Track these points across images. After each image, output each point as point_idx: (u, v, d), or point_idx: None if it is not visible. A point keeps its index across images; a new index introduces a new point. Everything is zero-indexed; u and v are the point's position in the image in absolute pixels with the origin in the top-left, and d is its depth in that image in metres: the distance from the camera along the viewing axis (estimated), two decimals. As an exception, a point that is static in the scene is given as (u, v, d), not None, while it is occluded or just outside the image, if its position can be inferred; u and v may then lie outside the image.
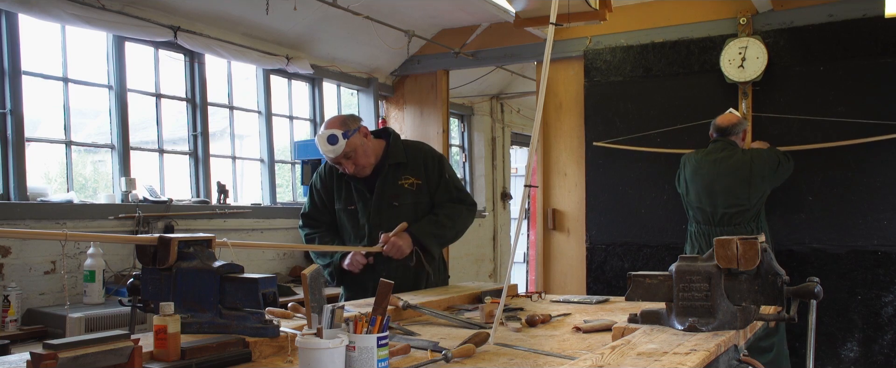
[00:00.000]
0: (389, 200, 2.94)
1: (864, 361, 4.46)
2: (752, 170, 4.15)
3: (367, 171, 2.93)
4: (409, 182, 2.97)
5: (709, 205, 4.26)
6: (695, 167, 4.33)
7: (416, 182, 2.98)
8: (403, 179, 2.96)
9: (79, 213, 3.83)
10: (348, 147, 2.83)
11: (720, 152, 4.25)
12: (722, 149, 4.26)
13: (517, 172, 9.29)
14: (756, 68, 4.63)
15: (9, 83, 3.67)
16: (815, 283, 1.83)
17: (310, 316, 1.70)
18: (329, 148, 2.80)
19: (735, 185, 4.16)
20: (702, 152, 4.37)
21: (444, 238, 3.02)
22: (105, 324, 3.39)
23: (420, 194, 2.98)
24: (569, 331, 2.21)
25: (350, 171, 2.88)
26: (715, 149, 4.29)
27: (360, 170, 2.91)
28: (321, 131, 2.86)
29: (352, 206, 2.98)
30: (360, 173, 2.92)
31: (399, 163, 2.97)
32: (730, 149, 4.24)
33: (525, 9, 3.79)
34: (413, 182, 2.97)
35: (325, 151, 2.83)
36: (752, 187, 4.14)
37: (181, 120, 4.72)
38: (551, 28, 2.07)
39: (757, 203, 4.19)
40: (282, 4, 4.43)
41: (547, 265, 5.63)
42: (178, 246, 1.93)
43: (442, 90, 6.11)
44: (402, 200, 2.95)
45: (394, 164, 2.96)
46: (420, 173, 2.99)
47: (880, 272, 4.42)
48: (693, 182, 4.33)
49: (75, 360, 1.36)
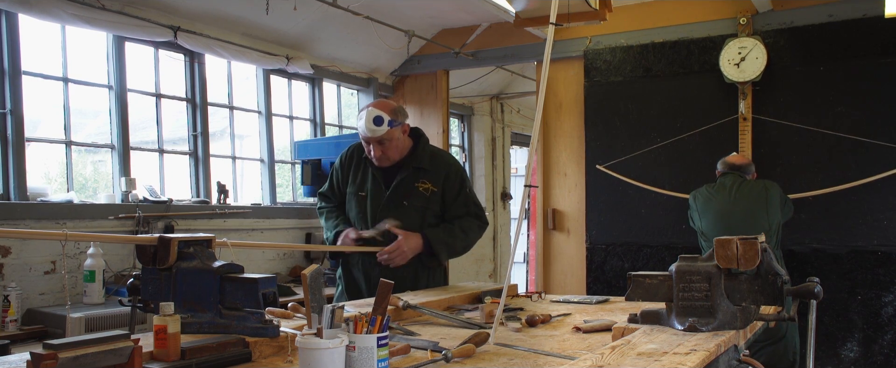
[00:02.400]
0: (401, 199, 2.97)
1: (864, 361, 4.46)
2: (768, 196, 4.10)
3: (386, 164, 2.97)
4: (426, 187, 2.99)
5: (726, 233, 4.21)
6: (706, 198, 4.27)
7: (433, 189, 3.00)
8: (421, 183, 2.99)
9: (79, 213, 3.83)
10: (388, 134, 2.87)
11: (732, 182, 4.20)
12: (733, 180, 4.21)
13: (517, 172, 9.28)
14: (755, 68, 4.63)
15: (9, 83, 3.66)
16: (815, 283, 1.83)
17: (310, 316, 1.70)
18: (372, 127, 2.83)
19: (754, 210, 4.08)
20: (711, 185, 4.31)
21: (455, 248, 3.05)
22: (105, 324, 3.39)
23: (432, 201, 3.00)
24: (569, 331, 2.21)
25: (375, 155, 2.92)
26: (726, 181, 4.24)
27: (383, 160, 2.94)
28: (369, 109, 2.88)
29: (362, 193, 3.01)
30: (381, 162, 2.96)
31: (421, 168, 3.00)
32: (741, 180, 4.21)
33: (525, 9, 3.79)
34: (429, 188, 2.99)
35: (367, 128, 2.84)
36: (770, 214, 4.08)
37: (181, 120, 4.72)
38: (551, 28, 2.07)
39: (776, 231, 4.11)
40: (282, 4, 4.43)
41: (547, 265, 5.63)
42: (178, 246, 1.93)
43: (442, 90, 6.11)
44: (412, 202, 2.97)
45: (416, 167, 2.99)
46: (439, 182, 3.01)
47: (880, 272, 4.42)
48: (706, 213, 4.26)
49: (75, 360, 1.36)
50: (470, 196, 3.10)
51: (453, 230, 3.01)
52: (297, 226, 5.19)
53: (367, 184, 3.02)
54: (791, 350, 4.17)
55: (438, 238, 2.96)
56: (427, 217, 3.01)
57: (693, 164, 4.90)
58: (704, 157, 4.85)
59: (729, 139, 4.77)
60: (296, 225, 5.19)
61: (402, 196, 2.97)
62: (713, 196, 4.24)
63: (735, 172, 4.27)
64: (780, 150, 4.68)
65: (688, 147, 4.94)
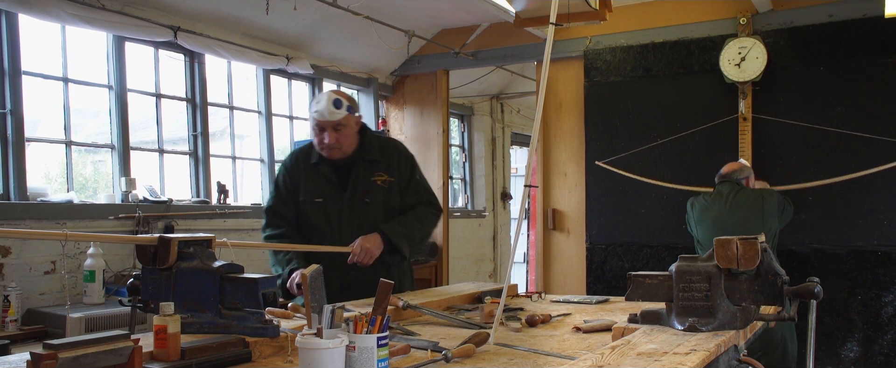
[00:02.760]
0: (361, 196, 2.87)
1: (864, 361, 4.46)
2: (764, 205, 4.11)
3: (338, 155, 2.84)
4: (382, 179, 2.90)
5: None
6: (703, 207, 4.28)
7: (389, 180, 2.92)
8: (376, 176, 2.90)
9: (79, 213, 3.83)
10: (345, 119, 2.78)
11: (728, 191, 4.20)
12: (729, 188, 4.22)
13: (517, 172, 9.29)
14: (755, 68, 4.62)
15: (9, 83, 3.66)
16: (815, 283, 1.83)
17: (310, 316, 1.71)
18: (332, 109, 2.74)
19: (749, 218, 4.08)
20: (708, 193, 4.32)
21: (414, 239, 2.95)
22: (105, 324, 3.39)
23: (391, 192, 2.92)
24: (569, 331, 2.21)
25: (329, 143, 2.78)
26: (722, 189, 4.24)
27: (336, 150, 2.82)
28: (327, 93, 2.80)
29: (319, 199, 2.87)
30: (333, 154, 2.83)
31: (373, 160, 2.91)
32: (738, 188, 4.21)
33: (525, 9, 3.79)
34: (386, 179, 2.91)
35: (327, 111, 2.74)
36: (766, 222, 4.08)
37: (181, 120, 4.72)
38: (551, 28, 2.07)
39: (772, 238, 4.12)
40: (282, 4, 4.43)
41: (547, 265, 5.63)
42: (178, 246, 1.93)
43: (442, 90, 6.11)
44: (373, 197, 2.89)
45: (369, 160, 2.90)
46: (393, 171, 2.94)
47: (880, 272, 4.42)
48: (702, 221, 4.28)
49: (75, 360, 1.36)
50: (421, 183, 3.03)
51: (408, 221, 2.91)
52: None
53: (321, 189, 2.88)
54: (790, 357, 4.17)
55: (396, 231, 2.86)
56: (389, 211, 2.92)
57: (693, 164, 4.91)
58: (704, 157, 4.85)
59: (729, 139, 4.77)
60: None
61: (361, 194, 2.88)
62: (710, 205, 4.25)
63: (729, 181, 4.27)
64: (780, 150, 4.68)
65: (688, 147, 4.94)
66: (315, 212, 2.89)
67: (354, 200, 2.87)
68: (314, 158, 2.90)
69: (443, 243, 6.12)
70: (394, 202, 2.93)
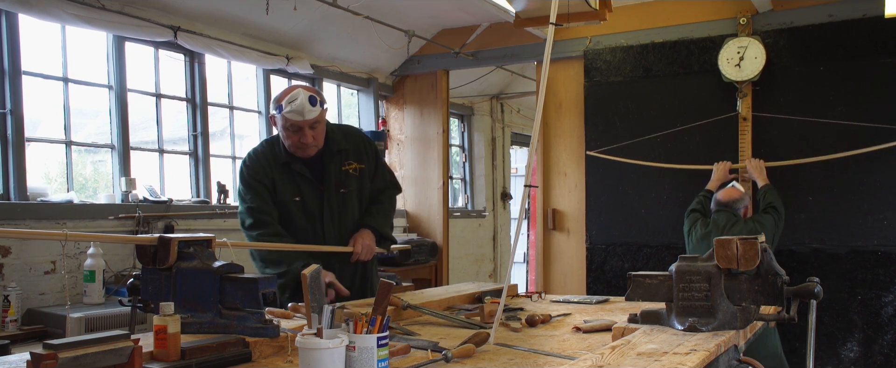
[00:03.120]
0: (337, 187, 2.85)
1: (864, 361, 4.46)
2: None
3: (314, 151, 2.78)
4: (353, 167, 2.89)
5: None
6: (699, 237, 4.28)
7: (360, 167, 2.91)
8: (347, 165, 2.88)
9: (79, 213, 3.83)
10: (320, 116, 2.70)
11: (724, 222, 4.20)
12: (726, 219, 4.22)
13: (517, 172, 9.29)
14: (754, 68, 4.62)
15: (9, 83, 3.66)
16: (815, 283, 1.83)
17: (310, 316, 1.70)
18: (310, 107, 2.63)
19: None
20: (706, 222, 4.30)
21: (392, 224, 3.07)
22: (105, 324, 3.39)
23: (362, 179, 2.92)
24: (569, 331, 2.21)
25: (308, 141, 2.70)
26: (719, 219, 4.24)
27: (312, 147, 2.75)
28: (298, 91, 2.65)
29: (297, 198, 2.81)
30: (310, 152, 2.77)
31: (341, 149, 2.87)
32: (734, 219, 4.21)
33: (525, 9, 3.79)
34: (356, 167, 2.90)
35: (303, 111, 2.62)
36: None
37: (181, 120, 4.72)
38: (551, 28, 2.07)
39: None
40: (282, 4, 4.43)
41: (547, 265, 5.63)
42: (178, 246, 1.93)
43: (442, 90, 6.12)
44: (348, 186, 2.87)
45: (337, 150, 2.86)
46: (362, 158, 2.92)
47: (880, 272, 4.42)
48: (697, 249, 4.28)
49: (75, 360, 1.37)
50: (385, 166, 3.07)
51: (385, 208, 2.99)
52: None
53: (297, 188, 2.81)
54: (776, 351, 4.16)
55: (382, 223, 2.94)
56: (362, 199, 2.92)
57: (693, 164, 4.90)
58: (704, 157, 4.85)
59: (729, 139, 4.77)
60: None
61: (336, 186, 2.84)
62: (706, 236, 4.25)
63: (726, 210, 4.27)
64: (780, 150, 4.67)
65: (687, 146, 4.94)
66: (295, 211, 2.83)
67: (331, 193, 2.84)
68: (283, 157, 2.80)
69: (443, 243, 6.12)
70: (365, 188, 2.94)
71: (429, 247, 5.98)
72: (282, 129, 2.72)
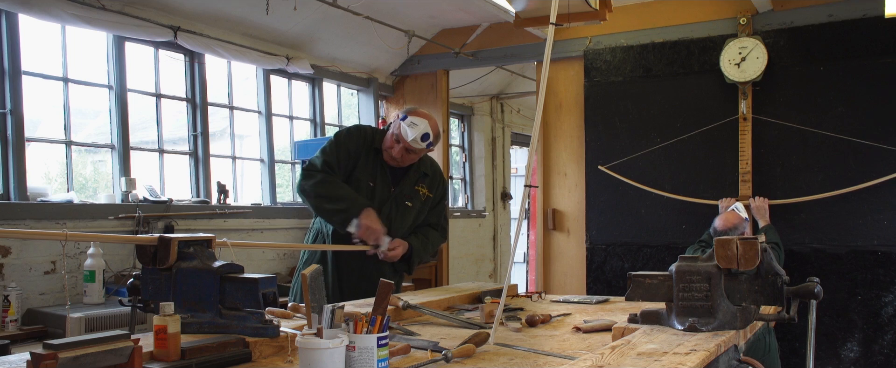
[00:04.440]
0: (404, 198, 3.11)
1: (864, 361, 4.46)
2: None
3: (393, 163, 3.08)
4: (424, 192, 3.17)
5: None
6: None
7: (429, 195, 3.19)
8: (420, 186, 3.16)
9: (79, 213, 3.82)
10: (421, 151, 3.04)
11: None
12: None
13: (517, 172, 9.29)
14: (756, 68, 4.62)
15: (9, 83, 3.66)
16: (815, 283, 1.84)
17: (310, 316, 1.71)
18: (419, 142, 2.95)
19: None
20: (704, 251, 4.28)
21: (422, 261, 3.26)
22: (105, 324, 3.39)
23: (425, 205, 3.18)
24: (569, 331, 2.21)
25: (396, 156, 3.01)
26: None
27: (400, 162, 3.06)
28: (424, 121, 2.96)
29: (371, 183, 3.06)
30: (396, 163, 3.06)
31: (424, 173, 3.18)
32: None
33: (525, 9, 3.79)
34: (426, 193, 3.18)
35: (413, 139, 2.93)
36: None
37: (181, 120, 4.72)
38: (551, 28, 2.07)
39: None
40: (282, 4, 4.43)
41: (547, 265, 5.63)
42: (178, 246, 1.93)
43: (442, 90, 6.11)
44: (413, 203, 3.13)
45: (421, 172, 3.16)
46: (433, 189, 3.21)
47: (880, 272, 4.42)
48: None
49: (75, 360, 1.37)
50: (444, 208, 3.32)
51: (427, 245, 3.18)
52: (297, 226, 5.19)
53: (376, 176, 3.07)
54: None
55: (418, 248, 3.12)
56: (417, 220, 3.17)
57: (693, 165, 4.91)
58: (704, 156, 4.85)
59: (729, 139, 4.77)
60: (296, 225, 5.19)
61: (405, 195, 3.11)
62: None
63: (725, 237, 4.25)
64: (780, 150, 4.67)
65: (688, 147, 4.94)
66: (364, 193, 3.04)
67: (399, 199, 3.10)
68: (378, 144, 3.08)
69: (443, 243, 6.12)
70: (423, 214, 3.20)
71: (429, 247, 5.98)
72: (392, 130, 3.04)
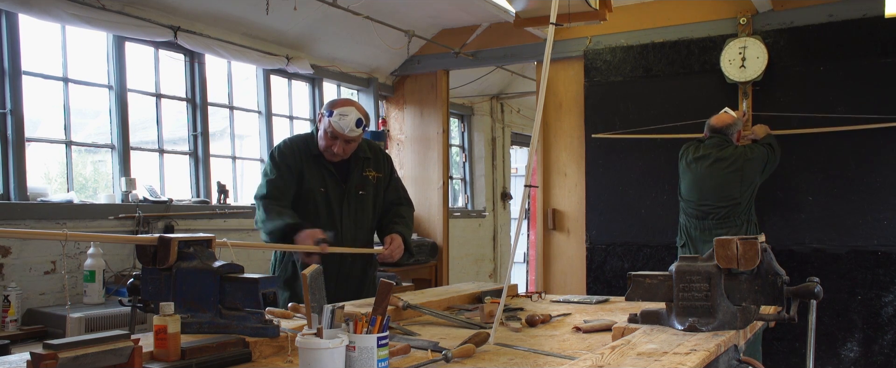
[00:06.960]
0: (357, 189, 3.12)
1: (864, 361, 4.46)
2: (744, 168, 4.26)
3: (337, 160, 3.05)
4: (372, 175, 3.17)
5: (698, 199, 4.39)
6: (688, 162, 4.44)
7: (378, 176, 3.19)
8: (367, 171, 3.15)
9: (79, 213, 3.83)
10: (358, 137, 3.01)
11: (713, 149, 4.33)
12: (715, 145, 4.34)
13: (517, 172, 9.29)
14: (756, 68, 4.63)
15: (9, 83, 3.66)
16: (815, 283, 1.83)
17: (310, 316, 1.70)
18: (354, 128, 2.93)
19: (727, 183, 4.27)
20: (697, 148, 4.43)
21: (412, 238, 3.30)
22: (105, 324, 3.39)
23: (378, 187, 3.20)
24: (569, 331, 2.21)
25: (338, 151, 2.98)
26: (709, 145, 4.37)
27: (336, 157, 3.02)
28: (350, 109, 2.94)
29: (322, 189, 3.05)
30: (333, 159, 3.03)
31: (366, 157, 3.17)
32: (723, 148, 4.32)
33: (525, 9, 3.79)
34: (375, 175, 3.18)
35: (348, 129, 2.91)
36: (744, 184, 4.27)
37: (181, 120, 4.72)
38: (551, 28, 2.07)
39: (748, 198, 4.32)
40: (282, 4, 4.43)
41: (547, 265, 5.63)
42: (178, 246, 1.93)
43: (442, 90, 6.11)
44: (366, 190, 3.14)
45: (362, 157, 3.15)
46: (381, 168, 3.21)
47: (880, 272, 4.42)
48: (685, 175, 4.46)
49: (75, 360, 1.36)
50: (399, 181, 3.33)
51: (407, 221, 3.22)
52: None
53: (324, 181, 3.05)
54: None
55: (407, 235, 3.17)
56: (376, 204, 3.19)
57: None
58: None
59: (729, 139, 4.77)
60: (296, 225, 5.18)
61: (356, 187, 3.12)
62: (695, 160, 4.38)
63: (719, 134, 4.36)
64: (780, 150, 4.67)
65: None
66: (317, 201, 3.06)
67: (351, 192, 3.10)
68: (315, 150, 3.06)
69: (443, 243, 6.12)
70: (379, 196, 3.21)
71: (429, 247, 5.99)
72: (323, 131, 3.00)
